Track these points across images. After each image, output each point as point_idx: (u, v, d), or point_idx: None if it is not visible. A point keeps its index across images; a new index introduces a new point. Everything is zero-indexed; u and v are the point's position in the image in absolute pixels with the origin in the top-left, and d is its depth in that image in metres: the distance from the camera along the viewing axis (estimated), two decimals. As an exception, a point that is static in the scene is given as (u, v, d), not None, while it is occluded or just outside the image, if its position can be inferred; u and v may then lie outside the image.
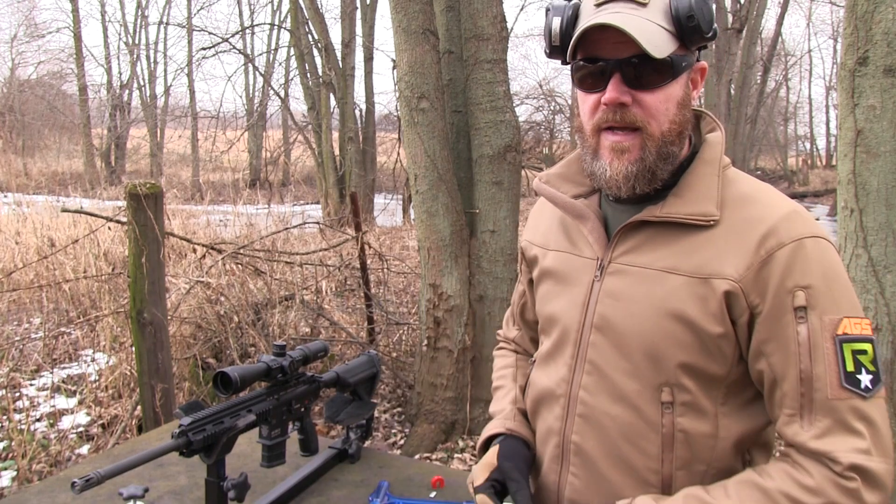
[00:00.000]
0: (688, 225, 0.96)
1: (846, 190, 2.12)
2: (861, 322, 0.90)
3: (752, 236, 0.92)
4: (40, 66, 25.27)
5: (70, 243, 5.79)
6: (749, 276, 0.91)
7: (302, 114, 16.11)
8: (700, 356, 0.95)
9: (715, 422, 0.97)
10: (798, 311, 0.89)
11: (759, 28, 17.34)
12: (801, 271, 0.90)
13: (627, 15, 0.92)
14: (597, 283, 1.03)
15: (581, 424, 1.03)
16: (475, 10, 3.63)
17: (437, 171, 3.49)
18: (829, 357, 0.88)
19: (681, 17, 0.92)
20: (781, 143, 29.80)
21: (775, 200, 0.96)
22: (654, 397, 0.97)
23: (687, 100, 0.97)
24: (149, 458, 1.16)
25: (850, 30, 2.09)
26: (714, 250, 0.94)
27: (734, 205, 0.96)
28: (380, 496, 1.49)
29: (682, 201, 0.97)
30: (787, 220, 0.92)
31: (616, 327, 1.00)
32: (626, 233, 1.01)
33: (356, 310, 5.50)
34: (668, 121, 0.95)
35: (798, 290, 0.89)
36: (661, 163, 0.97)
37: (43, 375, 4.41)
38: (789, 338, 0.90)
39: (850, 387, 0.88)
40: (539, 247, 1.17)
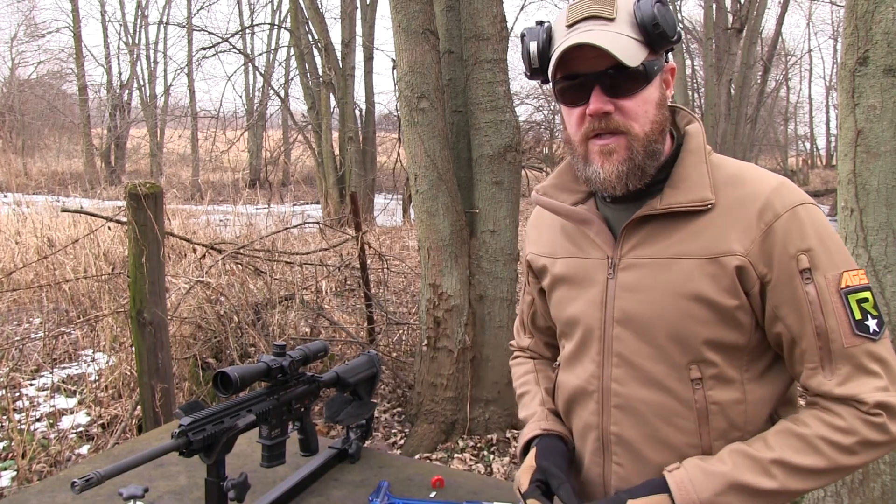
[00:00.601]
0: (688, 212, 1.03)
1: (846, 190, 2.12)
2: (857, 273, 1.00)
3: (749, 212, 1.00)
4: (40, 65, 25.30)
5: (70, 243, 5.79)
6: (754, 248, 0.99)
7: (302, 114, 16.12)
8: (721, 329, 1.01)
9: (742, 388, 1.03)
10: (804, 273, 0.98)
11: (759, 28, 17.34)
12: (800, 236, 0.98)
13: (599, 31, 0.99)
14: (611, 281, 1.08)
15: (618, 415, 1.09)
16: (475, 9, 3.63)
17: (437, 170, 3.49)
18: (839, 310, 0.97)
19: (647, 26, 0.98)
20: (781, 143, 29.80)
21: (762, 176, 1.03)
22: (684, 376, 1.03)
23: (663, 99, 1.04)
24: (149, 458, 1.16)
25: (851, 30, 2.09)
26: (717, 230, 1.01)
27: (725, 186, 1.03)
28: (380, 496, 1.49)
29: (679, 191, 1.04)
30: (777, 192, 1.00)
31: (637, 318, 1.05)
32: (631, 229, 1.07)
33: (356, 310, 5.50)
34: (649, 121, 1.02)
35: (800, 254, 0.98)
36: (649, 160, 1.03)
37: (43, 375, 4.41)
38: (800, 299, 0.98)
39: (862, 333, 0.97)
40: (546, 257, 1.21)
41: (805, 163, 28.97)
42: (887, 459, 2.10)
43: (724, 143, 15.38)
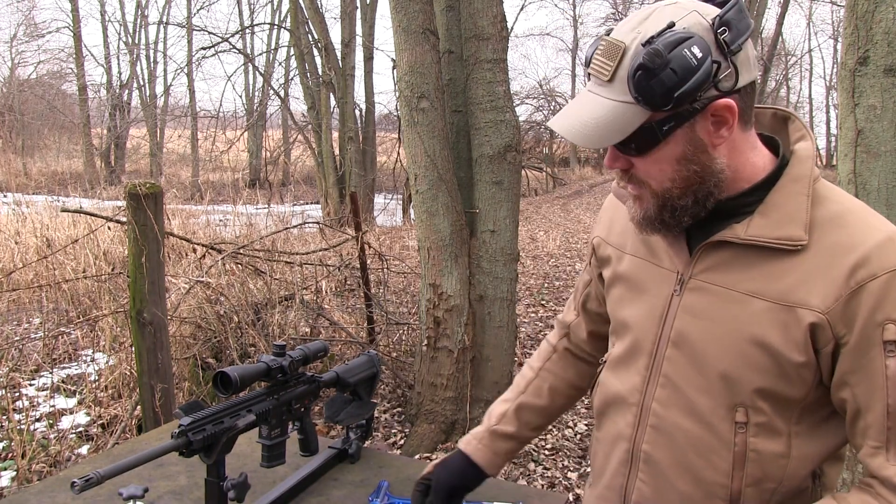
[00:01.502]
0: (774, 248, 0.94)
1: (846, 190, 2.11)
2: None
3: (842, 265, 0.89)
4: (40, 65, 25.30)
5: (70, 243, 5.79)
6: (837, 307, 0.89)
7: (302, 114, 16.13)
8: (778, 381, 0.94)
9: (788, 441, 0.97)
10: (888, 344, 0.87)
11: (759, 28, 17.34)
12: (894, 304, 0.87)
13: (590, 97, 0.92)
14: (676, 297, 1.02)
15: (652, 434, 1.05)
16: (475, 9, 3.63)
17: (437, 170, 3.49)
18: None
19: (638, 89, 0.87)
20: (781, 142, 29.77)
21: (869, 224, 0.92)
22: (728, 416, 0.97)
23: (693, 152, 0.93)
24: (149, 458, 1.16)
25: (851, 29, 2.09)
26: (800, 276, 0.92)
27: (824, 227, 0.92)
28: (380, 496, 1.49)
29: (768, 222, 0.94)
30: (881, 248, 0.89)
31: (694, 345, 0.99)
32: (709, 249, 0.99)
33: (356, 310, 5.50)
34: (666, 179, 0.94)
35: (889, 324, 0.87)
36: (668, 215, 0.97)
37: (43, 375, 4.41)
38: (877, 371, 0.88)
39: None
40: (614, 248, 1.15)
41: (805, 163, 28.91)
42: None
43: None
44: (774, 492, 0.98)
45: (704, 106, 0.90)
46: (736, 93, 0.91)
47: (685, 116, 0.90)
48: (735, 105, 0.90)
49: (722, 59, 0.87)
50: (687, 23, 0.87)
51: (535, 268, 8.50)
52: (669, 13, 0.89)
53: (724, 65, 0.87)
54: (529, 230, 11.58)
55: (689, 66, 0.85)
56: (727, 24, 0.87)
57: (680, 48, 0.85)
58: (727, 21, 0.87)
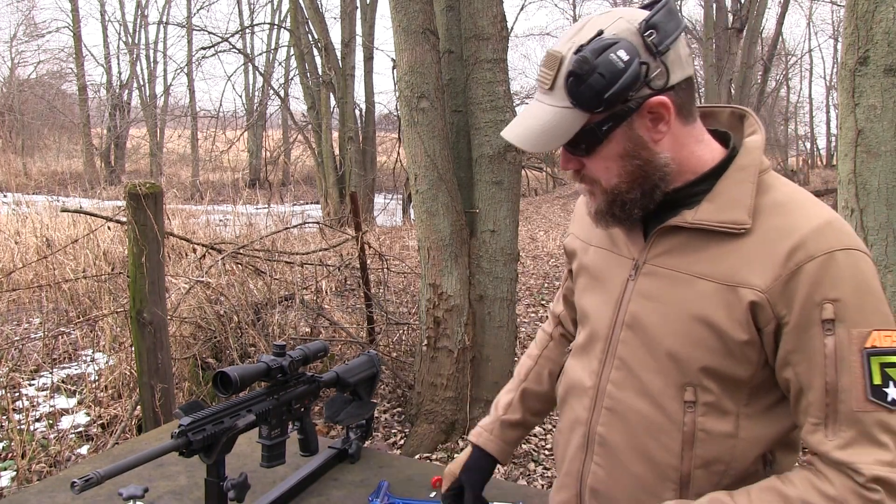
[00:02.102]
0: (721, 232, 0.98)
1: (847, 190, 2.12)
2: (892, 335, 0.91)
3: (781, 247, 0.93)
4: (40, 65, 25.30)
5: (70, 243, 5.79)
6: (776, 287, 0.93)
7: (302, 113, 16.12)
8: (724, 360, 0.97)
9: (736, 422, 1.00)
10: (826, 323, 0.90)
11: (759, 28, 17.35)
12: (831, 284, 0.90)
13: (535, 106, 0.99)
14: (631, 283, 1.07)
15: (607, 416, 1.08)
16: (475, 9, 3.63)
17: (437, 170, 3.49)
18: (856, 369, 0.90)
19: (571, 94, 0.94)
20: (782, 142, 29.78)
21: (809, 210, 0.96)
22: (678, 396, 1.01)
23: (634, 148, 0.98)
24: (149, 458, 1.16)
25: (851, 29, 2.09)
26: (743, 258, 0.96)
27: (767, 213, 0.97)
28: (380, 496, 1.49)
29: (715, 207, 0.99)
30: (818, 231, 0.92)
31: (646, 326, 1.04)
32: (661, 235, 1.04)
33: (356, 310, 5.50)
34: (613, 176, 1.00)
35: (826, 303, 0.90)
36: (619, 210, 1.02)
37: (43, 375, 4.41)
38: (816, 349, 0.91)
39: (877, 400, 0.89)
40: (582, 241, 1.21)
41: (805, 163, 28.96)
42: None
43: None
44: (724, 474, 1.00)
45: (639, 104, 0.95)
46: (670, 90, 0.96)
47: (621, 116, 0.96)
48: (669, 101, 0.96)
49: (651, 59, 0.93)
50: (615, 29, 0.94)
51: (535, 268, 8.51)
52: (599, 22, 0.95)
53: (654, 64, 0.93)
54: (529, 230, 11.59)
55: (616, 69, 0.91)
56: (654, 27, 0.93)
57: (606, 53, 0.91)
58: (654, 24, 0.93)
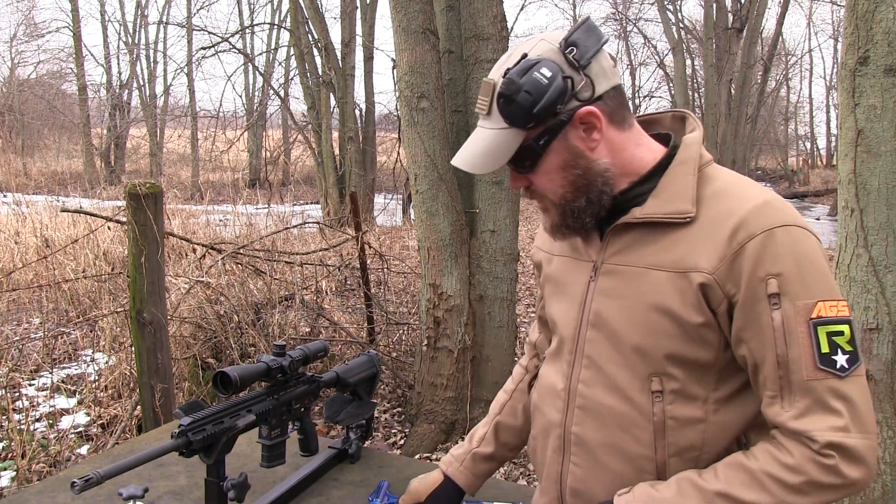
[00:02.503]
0: (668, 223, 1.03)
1: (847, 190, 2.12)
2: (837, 304, 0.95)
3: (724, 229, 0.97)
4: (40, 65, 25.30)
5: (69, 243, 5.79)
6: (722, 267, 0.96)
7: (302, 113, 16.12)
8: (685, 345, 1.00)
9: (705, 408, 1.02)
10: (772, 297, 0.94)
11: (759, 28, 17.35)
12: (772, 260, 0.94)
13: (478, 132, 1.05)
14: (592, 283, 1.10)
15: (580, 416, 1.10)
16: (475, 9, 3.63)
17: (437, 170, 3.49)
18: (804, 340, 0.93)
19: (503, 115, 1.00)
20: (782, 142, 29.81)
21: (747, 193, 1.01)
22: (645, 387, 1.03)
23: (572, 158, 1.04)
24: (149, 458, 1.16)
25: (851, 29, 2.09)
26: (690, 245, 1.00)
27: (709, 201, 1.02)
28: (380, 496, 1.49)
29: (660, 201, 1.04)
30: (756, 211, 0.97)
31: (609, 323, 1.07)
32: (614, 235, 1.08)
33: (356, 310, 5.50)
34: (558, 186, 1.05)
35: (770, 278, 0.94)
36: (571, 219, 1.07)
37: (43, 375, 4.41)
38: (764, 324, 0.95)
39: (826, 367, 0.93)
40: (545, 252, 1.25)
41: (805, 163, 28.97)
42: (888, 459, 2.10)
43: (725, 143, 15.39)
44: (698, 460, 1.02)
45: (570, 116, 1.01)
46: (598, 99, 1.02)
47: (555, 129, 1.02)
48: (598, 111, 1.01)
49: (574, 73, 0.99)
50: (537, 51, 1.00)
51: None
52: (524, 48, 1.02)
53: (578, 78, 0.99)
54: (529, 230, 11.59)
55: (540, 86, 0.98)
56: (574, 44, 0.99)
57: (530, 72, 0.98)
58: (573, 42, 0.99)
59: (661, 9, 17.09)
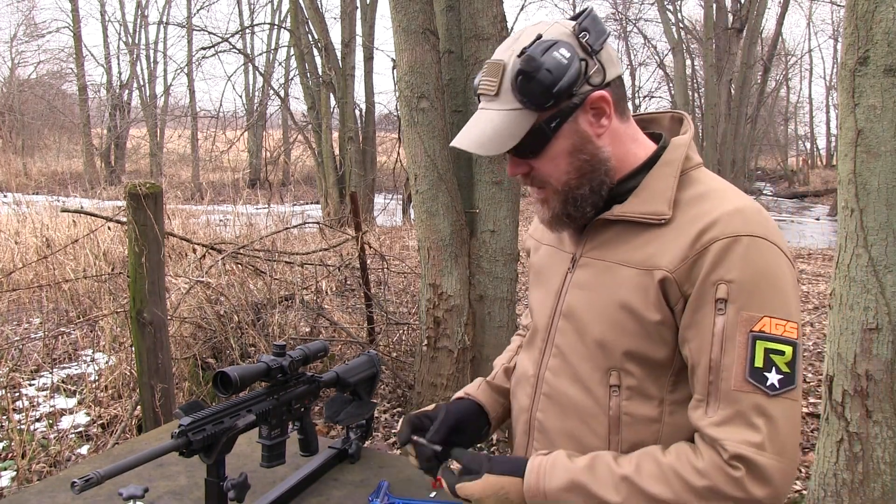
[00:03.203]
0: (645, 223, 1.03)
1: (847, 190, 2.11)
2: (786, 325, 0.94)
3: (692, 231, 0.98)
4: (40, 65, 25.31)
5: (70, 243, 5.79)
6: (683, 267, 0.97)
7: (302, 113, 16.12)
8: (643, 343, 1.01)
9: (661, 408, 1.03)
10: (718, 302, 0.94)
11: (759, 28, 17.34)
12: (728, 266, 0.94)
13: (482, 113, 1.03)
14: (569, 275, 1.12)
15: (545, 403, 1.13)
16: (475, 9, 3.63)
17: (437, 170, 3.49)
18: (740, 350, 0.93)
19: (522, 93, 0.99)
20: (782, 142, 29.81)
21: (725, 199, 1.00)
22: (604, 380, 1.05)
23: (580, 143, 1.03)
24: (149, 458, 1.16)
25: (851, 29, 2.09)
26: (660, 245, 1.01)
27: (688, 204, 1.02)
28: (380, 496, 1.49)
29: (639, 200, 1.05)
30: (727, 216, 0.97)
31: (578, 314, 1.09)
32: (595, 229, 1.10)
33: (356, 310, 5.50)
34: (563, 173, 1.04)
35: (721, 283, 0.94)
36: (572, 207, 1.06)
37: (43, 375, 4.41)
38: (706, 327, 0.95)
39: (755, 382, 0.92)
40: (536, 240, 1.28)
41: (805, 163, 28.98)
42: (887, 459, 2.10)
43: (724, 143, 15.39)
44: None
45: (582, 100, 1.02)
46: (607, 86, 1.03)
47: (567, 112, 1.01)
48: (609, 96, 1.02)
49: (588, 57, 1.00)
50: (552, 33, 1.01)
51: (535, 268, 8.49)
52: (536, 29, 1.02)
53: (591, 62, 1.00)
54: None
55: (561, 65, 0.98)
56: (586, 30, 1.00)
57: (550, 52, 0.98)
58: (585, 27, 1.01)
59: (661, 9, 17.09)
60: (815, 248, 10.44)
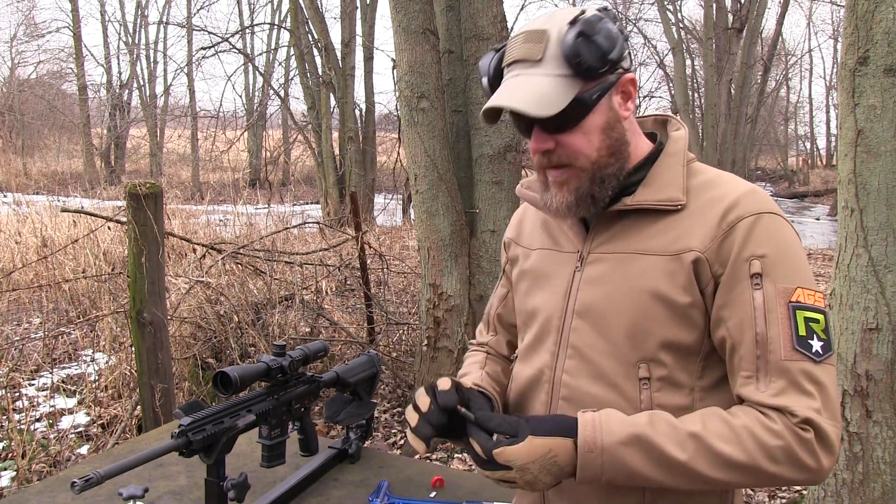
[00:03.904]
0: (658, 211, 1.03)
1: (847, 190, 2.11)
2: (815, 294, 0.96)
3: (716, 211, 0.99)
4: (40, 65, 25.30)
5: (70, 243, 5.79)
6: (713, 246, 0.98)
7: (302, 113, 16.12)
8: (675, 328, 1.00)
9: (692, 396, 1.01)
10: (754, 277, 0.95)
11: (759, 28, 17.34)
12: (758, 242, 0.96)
13: (524, 77, 0.99)
14: (577, 273, 1.09)
15: (565, 406, 1.07)
16: (475, 9, 3.63)
17: (437, 170, 3.49)
18: (783, 321, 0.94)
19: (571, 61, 0.97)
20: (782, 142, 29.81)
21: (736, 181, 1.03)
22: (632, 374, 1.02)
23: (612, 121, 1.02)
24: (149, 458, 1.16)
25: (851, 29, 2.09)
26: (682, 230, 1.01)
27: (699, 190, 1.03)
28: (380, 496, 1.49)
29: (651, 190, 1.04)
30: (746, 196, 0.99)
31: (597, 310, 1.05)
32: (602, 224, 1.08)
33: (356, 310, 5.50)
34: (594, 150, 1.02)
35: (754, 259, 0.96)
36: (598, 187, 1.03)
37: (43, 375, 4.41)
38: (745, 303, 0.96)
39: (802, 350, 0.93)
40: (523, 247, 1.22)
41: (805, 163, 28.98)
42: (887, 459, 2.10)
43: (724, 142, 15.38)
44: None
45: (617, 79, 1.02)
46: (634, 71, 1.04)
47: (606, 87, 1.01)
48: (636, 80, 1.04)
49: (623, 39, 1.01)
50: (591, 11, 1.01)
51: (535, 268, 8.48)
52: (572, 10, 1.02)
53: (625, 45, 1.01)
54: (529, 230, 11.55)
55: (613, 35, 0.98)
56: (614, 17, 1.02)
57: (602, 22, 0.98)
58: (613, 14, 1.02)
59: (661, 9, 17.08)
60: (815, 248, 10.44)
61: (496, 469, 0.95)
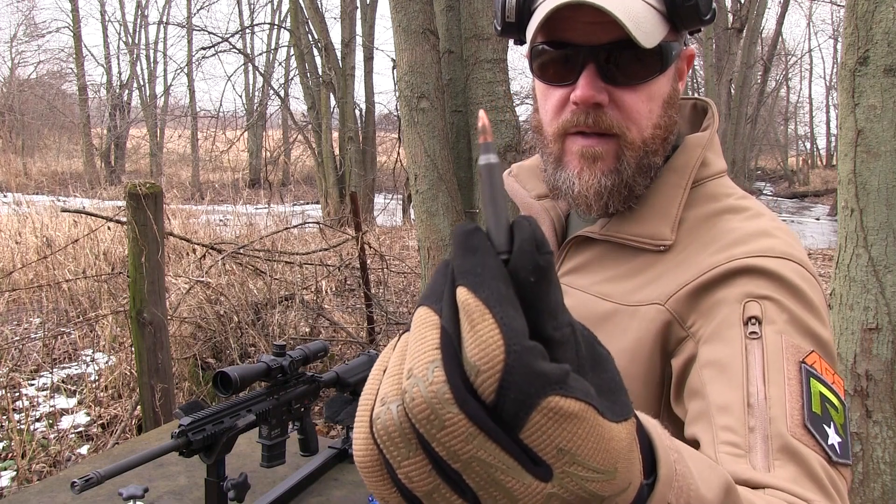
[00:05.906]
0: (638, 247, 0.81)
1: (846, 190, 2.12)
2: (834, 375, 0.68)
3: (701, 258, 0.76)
4: (40, 65, 25.32)
5: (70, 243, 5.79)
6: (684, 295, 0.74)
7: (302, 113, 16.13)
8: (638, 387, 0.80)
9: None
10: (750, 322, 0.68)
11: (759, 28, 17.35)
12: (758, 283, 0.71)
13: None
14: None
15: None
16: (475, 9, 3.63)
17: (437, 170, 3.49)
18: (792, 384, 0.64)
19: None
20: (782, 142, 29.81)
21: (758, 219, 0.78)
22: None
23: (675, 96, 0.81)
24: (149, 458, 1.16)
25: (851, 29, 2.09)
26: (654, 276, 0.78)
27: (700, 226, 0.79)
28: (380, 496, 1.49)
29: (634, 217, 0.81)
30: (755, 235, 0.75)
31: None
32: (574, 248, 0.88)
33: (356, 310, 5.50)
34: (651, 125, 0.78)
35: (750, 301, 0.69)
36: (640, 177, 0.79)
37: (42, 375, 4.41)
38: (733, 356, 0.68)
39: (815, 432, 0.62)
40: None
41: (805, 163, 28.98)
42: (887, 459, 2.10)
43: (725, 143, 15.39)
44: None
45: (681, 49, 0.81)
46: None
47: (679, 49, 0.80)
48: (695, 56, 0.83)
49: None
50: None
51: (535, 268, 8.48)
52: None
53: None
54: (529, 230, 11.55)
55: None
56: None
57: None
58: None
59: (661, 9, 17.09)
60: (815, 248, 10.44)
61: None
